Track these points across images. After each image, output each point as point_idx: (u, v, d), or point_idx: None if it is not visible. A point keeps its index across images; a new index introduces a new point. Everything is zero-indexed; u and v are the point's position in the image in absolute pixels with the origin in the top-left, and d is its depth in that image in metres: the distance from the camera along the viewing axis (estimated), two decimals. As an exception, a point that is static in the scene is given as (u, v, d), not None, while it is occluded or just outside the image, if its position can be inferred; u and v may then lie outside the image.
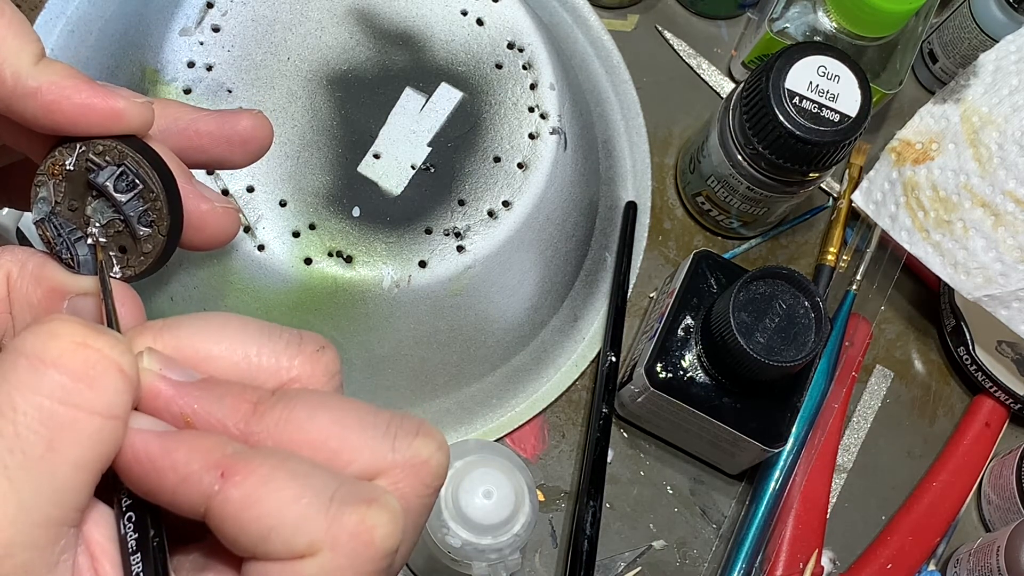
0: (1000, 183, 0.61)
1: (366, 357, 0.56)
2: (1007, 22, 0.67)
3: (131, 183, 0.33)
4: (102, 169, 0.33)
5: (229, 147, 0.37)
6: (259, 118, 0.37)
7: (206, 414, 0.28)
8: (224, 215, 0.36)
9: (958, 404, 0.69)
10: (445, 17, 0.58)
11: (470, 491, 0.52)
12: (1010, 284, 0.61)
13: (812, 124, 0.58)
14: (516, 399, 0.62)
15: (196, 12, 0.55)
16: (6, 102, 0.32)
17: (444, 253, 0.54)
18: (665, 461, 0.64)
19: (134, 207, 0.34)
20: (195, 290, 0.54)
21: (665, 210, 0.69)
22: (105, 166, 0.33)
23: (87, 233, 0.34)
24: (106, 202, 0.34)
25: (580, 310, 0.64)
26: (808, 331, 0.56)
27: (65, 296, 0.33)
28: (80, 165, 0.33)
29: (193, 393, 0.29)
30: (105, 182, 0.33)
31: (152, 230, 0.34)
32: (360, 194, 0.54)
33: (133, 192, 0.34)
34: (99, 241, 0.34)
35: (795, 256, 0.69)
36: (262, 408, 0.28)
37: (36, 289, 0.33)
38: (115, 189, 0.33)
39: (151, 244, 0.34)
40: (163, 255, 0.35)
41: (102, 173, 0.33)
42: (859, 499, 0.66)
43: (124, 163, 0.33)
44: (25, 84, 0.32)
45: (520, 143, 0.57)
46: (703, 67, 0.72)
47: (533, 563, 0.60)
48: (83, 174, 0.34)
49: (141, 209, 0.34)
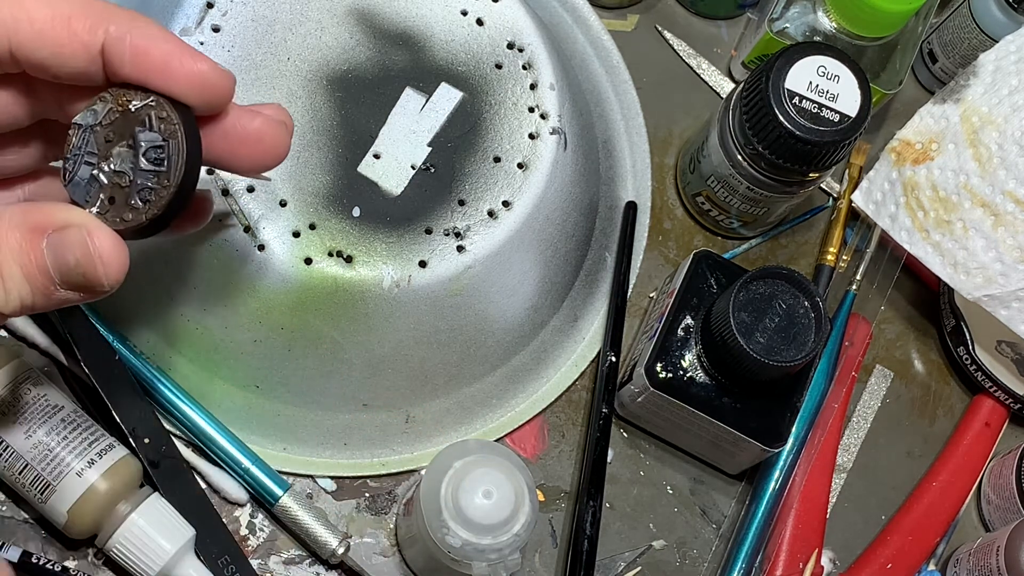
0: (1000, 183, 0.61)
1: (366, 357, 0.56)
2: (1007, 22, 0.67)
3: (159, 160, 0.35)
4: (151, 131, 0.35)
5: (240, 148, 0.38)
6: (269, 122, 0.38)
7: None
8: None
9: (958, 404, 0.69)
10: (445, 17, 0.58)
11: (470, 491, 0.52)
12: (1010, 284, 0.61)
13: (812, 124, 0.58)
14: (516, 399, 0.62)
15: (196, 12, 0.55)
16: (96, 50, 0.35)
17: (444, 253, 0.54)
18: (665, 461, 0.64)
19: (145, 180, 0.35)
20: (195, 289, 0.55)
21: (665, 210, 0.69)
22: (155, 131, 0.34)
23: (98, 165, 0.35)
24: (132, 157, 0.35)
25: (580, 310, 0.64)
26: (808, 331, 0.56)
27: (44, 233, 0.35)
28: (141, 113, 0.35)
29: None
30: (142, 143, 0.35)
31: (143, 207, 0.35)
32: (360, 194, 0.54)
33: (156, 168, 0.35)
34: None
35: (795, 256, 0.69)
36: None
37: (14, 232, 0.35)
38: (144, 155, 0.35)
39: (131, 216, 0.35)
40: (131, 232, 0.36)
41: (148, 135, 0.34)
42: (859, 499, 0.66)
43: (168, 141, 0.34)
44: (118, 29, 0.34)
45: (520, 143, 0.57)
46: (703, 67, 0.72)
47: (533, 563, 0.60)
48: (136, 122, 0.35)
49: (148, 186, 0.35)
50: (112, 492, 0.53)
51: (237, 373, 0.57)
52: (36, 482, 0.52)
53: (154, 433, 0.56)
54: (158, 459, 0.56)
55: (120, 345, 0.57)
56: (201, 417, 0.57)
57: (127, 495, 0.53)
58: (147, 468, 0.55)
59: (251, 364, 0.56)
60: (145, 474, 0.55)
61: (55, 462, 0.52)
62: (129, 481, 0.54)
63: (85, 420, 0.54)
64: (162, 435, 0.56)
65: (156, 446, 0.56)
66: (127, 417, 0.55)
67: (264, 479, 0.57)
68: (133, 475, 0.54)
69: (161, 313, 0.56)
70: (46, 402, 0.53)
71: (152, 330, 0.57)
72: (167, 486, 0.55)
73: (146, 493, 0.54)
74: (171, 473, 0.56)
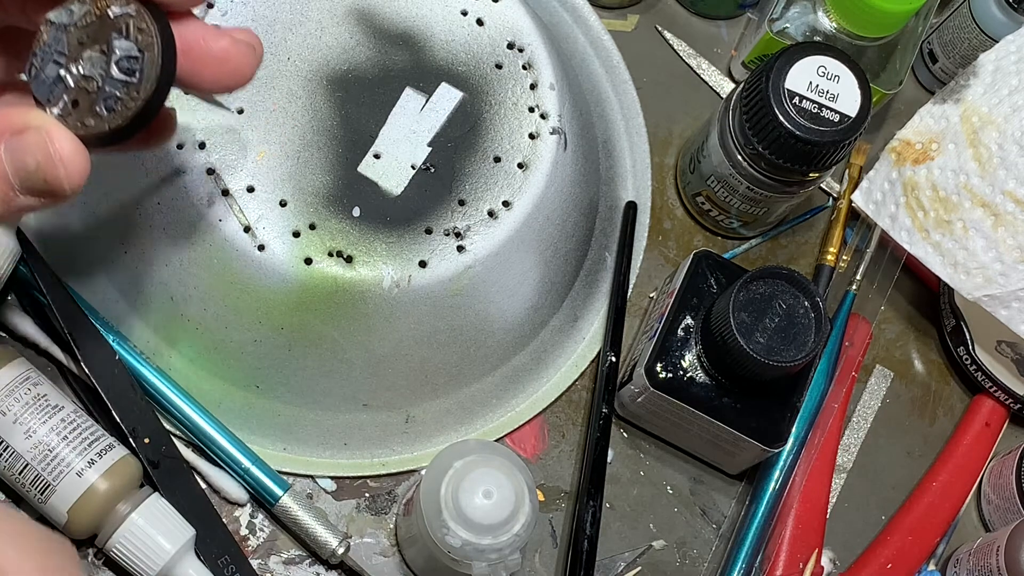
0: (1000, 183, 0.61)
1: (366, 357, 0.56)
2: (1007, 22, 0.67)
3: (131, 71, 0.33)
4: (127, 40, 0.33)
5: (202, 67, 0.36)
6: (237, 45, 0.36)
7: None
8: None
9: (958, 404, 0.69)
10: (445, 17, 0.58)
11: (470, 491, 0.52)
12: (1010, 284, 0.61)
13: (812, 124, 0.58)
14: (516, 399, 0.62)
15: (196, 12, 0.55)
16: None
17: (444, 253, 0.54)
18: (665, 461, 0.64)
19: (114, 88, 0.34)
20: (195, 289, 0.55)
21: (665, 210, 0.69)
22: (131, 41, 0.33)
23: (66, 66, 0.34)
24: (103, 63, 0.34)
25: (580, 310, 0.64)
26: (808, 331, 0.56)
27: (2, 138, 0.34)
28: (120, 22, 0.34)
29: None
30: (116, 51, 0.33)
31: (107, 115, 0.34)
32: (360, 194, 0.54)
33: (127, 79, 0.34)
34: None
35: (795, 256, 0.69)
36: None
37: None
38: (117, 63, 0.34)
39: (93, 122, 0.34)
40: (92, 139, 0.35)
41: (124, 43, 0.33)
42: (859, 499, 0.66)
43: (144, 53, 0.33)
44: None
45: (520, 143, 0.57)
46: (703, 67, 0.72)
47: (533, 563, 0.60)
48: (113, 29, 0.34)
49: (116, 95, 0.34)
50: (112, 492, 0.53)
51: (237, 373, 0.57)
52: (36, 482, 0.52)
53: (154, 433, 0.56)
54: (158, 459, 0.56)
55: (120, 345, 0.57)
56: (201, 417, 0.57)
57: (127, 495, 0.53)
58: (147, 468, 0.55)
59: (251, 364, 0.56)
60: (145, 474, 0.55)
61: (55, 462, 0.52)
62: (129, 481, 0.54)
63: (85, 420, 0.54)
64: (162, 435, 0.56)
65: (156, 446, 0.56)
66: (127, 417, 0.55)
67: (264, 479, 0.57)
68: (133, 475, 0.54)
69: (161, 313, 0.56)
70: (46, 402, 0.53)
71: (152, 330, 0.57)
72: (167, 486, 0.55)
73: (146, 493, 0.54)
74: (171, 473, 0.56)
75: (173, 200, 0.53)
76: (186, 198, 0.53)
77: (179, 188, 0.53)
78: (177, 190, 0.53)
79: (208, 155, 0.53)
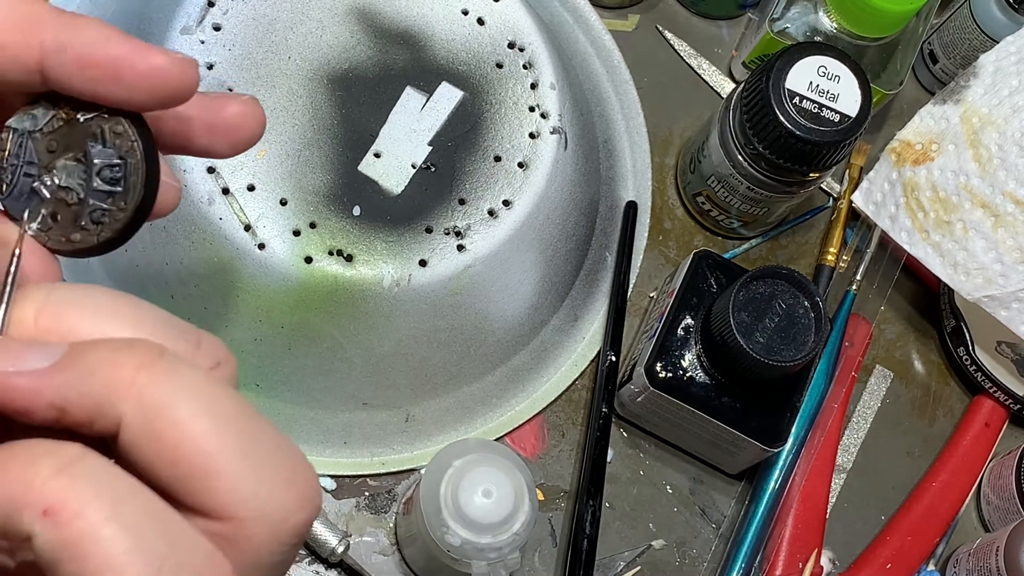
0: (1000, 184, 0.61)
1: (366, 356, 0.56)
2: (1007, 23, 0.67)
3: (116, 179, 0.31)
4: (105, 147, 0.31)
5: (212, 136, 0.33)
6: (249, 105, 0.33)
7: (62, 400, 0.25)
8: (167, 189, 0.33)
9: (958, 404, 0.69)
10: (446, 16, 0.58)
11: (470, 490, 0.52)
12: (1010, 285, 0.61)
13: (812, 124, 0.58)
14: (516, 398, 0.62)
15: (197, 11, 0.55)
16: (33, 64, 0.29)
17: (444, 252, 0.54)
18: (665, 461, 0.64)
19: (100, 200, 0.31)
20: (195, 288, 0.55)
21: (665, 210, 0.69)
22: (110, 147, 0.31)
23: (40, 178, 0.31)
24: (82, 172, 0.31)
25: (580, 310, 0.64)
26: (808, 331, 0.56)
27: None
28: (92, 126, 0.31)
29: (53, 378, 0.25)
30: (96, 160, 0.31)
31: (94, 228, 0.32)
32: (361, 193, 0.54)
33: (112, 188, 0.31)
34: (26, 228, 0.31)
35: (795, 256, 0.69)
36: (143, 380, 0.25)
37: None
38: (99, 174, 0.31)
39: (79, 237, 0.32)
40: (78, 253, 0.32)
41: (102, 151, 0.31)
42: (859, 499, 0.66)
43: (126, 159, 0.31)
44: (56, 39, 0.29)
45: (521, 142, 0.57)
46: (703, 67, 0.72)
47: (533, 562, 0.60)
48: (86, 135, 0.31)
49: (103, 207, 0.31)
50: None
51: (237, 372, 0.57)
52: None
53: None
54: (158, 457, 0.56)
55: (120, 343, 0.57)
56: (201, 415, 0.57)
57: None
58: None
59: (251, 363, 0.56)
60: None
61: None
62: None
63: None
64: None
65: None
66: (127, 415, 0.55)
67: (264, 478, 0.57)
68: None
69: (161, 311, 0.56)
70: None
71: (152, 328, 0.57)
72: (167, 484, 0.55)
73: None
74: (171, 471, 0.56)
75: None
76: (186, 197, 0.53)
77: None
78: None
79: (209, 154, 0.53)
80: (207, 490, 0.24)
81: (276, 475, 0.25)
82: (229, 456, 0.25)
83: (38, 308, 0.27)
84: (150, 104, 0.30)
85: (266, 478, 0.25)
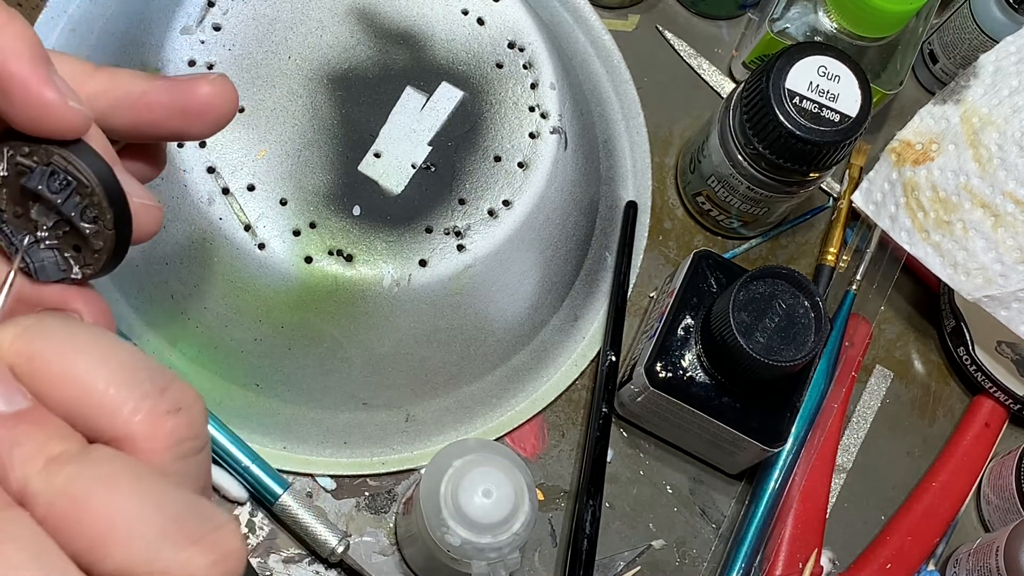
0: (1000, 184, 0.61)
1: (366, 356, 0.56)
2: (1007, 23, 0.67)
3: (64, 181, 0.31)
4: (32, 171, 0.31)
5: (186, 119, 0.33)
6: (217, 84, 0.33)
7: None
8: (144, 211, 0.33)
9: (958, 404, 0.69)
10: (446, 16, 0.58)
11: (469, 490, 0.52)
12: (1010, 285, 0.61)
13: (812, 124, 0.58)
14: (516, 398, 0.62)
15: (197, 11, 0.55)
16: None
17: (444, 252, 0.54)
18: (665, 461, 0.64)
19: (72, 205, 0.31)
20: (195, 288, 0.55)
21: (665, 210, 0.69)
22: (35, 167, 0.31)
23: (39, 238, 0.32)
24: (54, 212, 0.31)
25: (580, 309, 0.64)
26: (808, 331, 0.56)
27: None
28: (11, 169, 0.31)
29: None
30: (38, 185, 0.31)
31: (97, 225, 0.32)
32: (361, 193, 0.54)
33: (68, 190, 0.31)
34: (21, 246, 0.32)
35: (795, 256, 0.69)
36: (54, 467, 0.26)
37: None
38: (49, 190, 0.31)
39: (100, 240, 0.32)
40: (117, 248, 0.33)
41: (33, 176, 0.31)
42: (859, 499, 0.66)
43: (52, 161, 0.31)
44: None
45: (521, 142, 0.57)
46: (703, 67, 0.72)
47: (532, 562, 0.60)
48: (17, 178, 0.31)
49: (80, 206, 0.31)
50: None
51: (237, 372, 0.57)
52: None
53: (154, 431, 0.56)
54: (158, 457, 0.56)
55: (120, 343, 0.57)
56: (201, 415, 0.57)
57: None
58: (147, 466, 0.55)
59: (251, 363, 0.56)
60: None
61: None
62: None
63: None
64: (162, 433, 0.56)
65: (156, 444, 0.56)
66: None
67: (264, 477, 0.57)
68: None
69: (161, 312, 0.56)
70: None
71: (152, 329, 0.57)
72: (167, 484, 0.55)
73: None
74: (171, 471, 0.56)
75: (173, 198, 0.53)
76: (186, 196, 0.53)
77: (179, 186, 0.53)
78: (177, 188, 0.53)
79: (208, 153, 0.53)
80: (106, 556, 0.25)
81: (179, 533, 0.26)
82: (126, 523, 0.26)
83: (17, 333, 0.28)
84: (39, 132, 0.30)
85: (168, 537, 0.26)
